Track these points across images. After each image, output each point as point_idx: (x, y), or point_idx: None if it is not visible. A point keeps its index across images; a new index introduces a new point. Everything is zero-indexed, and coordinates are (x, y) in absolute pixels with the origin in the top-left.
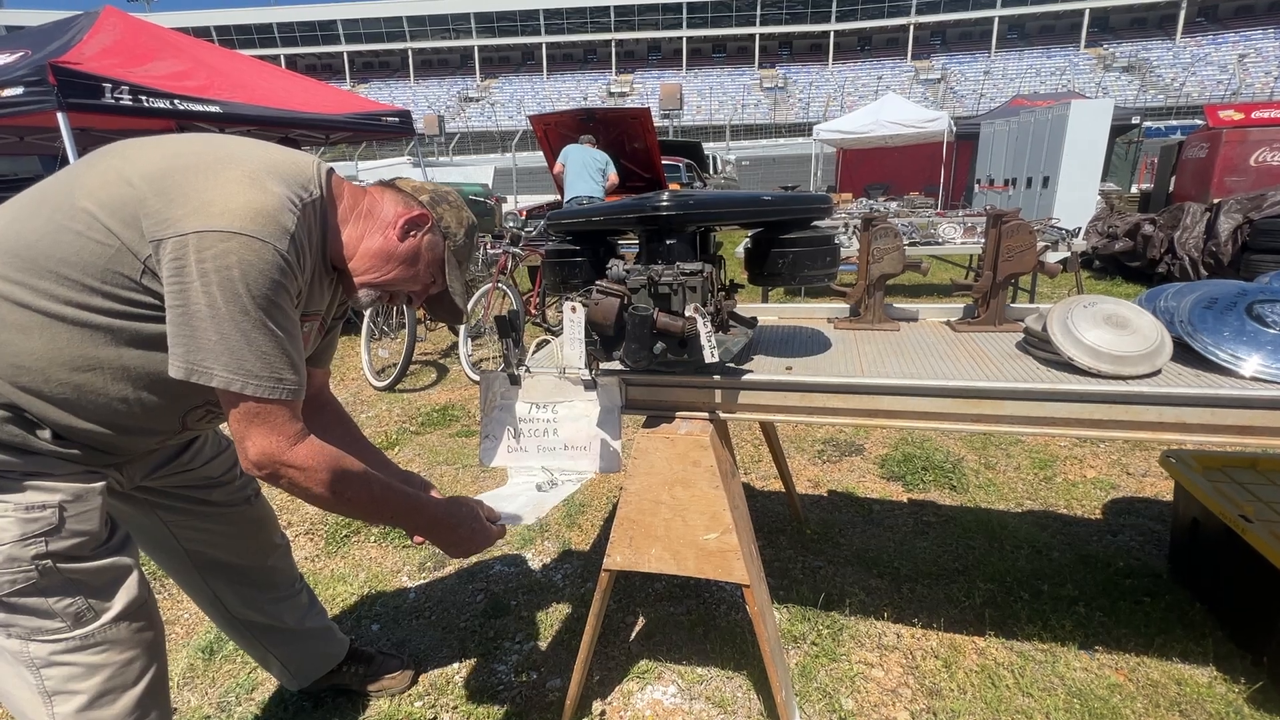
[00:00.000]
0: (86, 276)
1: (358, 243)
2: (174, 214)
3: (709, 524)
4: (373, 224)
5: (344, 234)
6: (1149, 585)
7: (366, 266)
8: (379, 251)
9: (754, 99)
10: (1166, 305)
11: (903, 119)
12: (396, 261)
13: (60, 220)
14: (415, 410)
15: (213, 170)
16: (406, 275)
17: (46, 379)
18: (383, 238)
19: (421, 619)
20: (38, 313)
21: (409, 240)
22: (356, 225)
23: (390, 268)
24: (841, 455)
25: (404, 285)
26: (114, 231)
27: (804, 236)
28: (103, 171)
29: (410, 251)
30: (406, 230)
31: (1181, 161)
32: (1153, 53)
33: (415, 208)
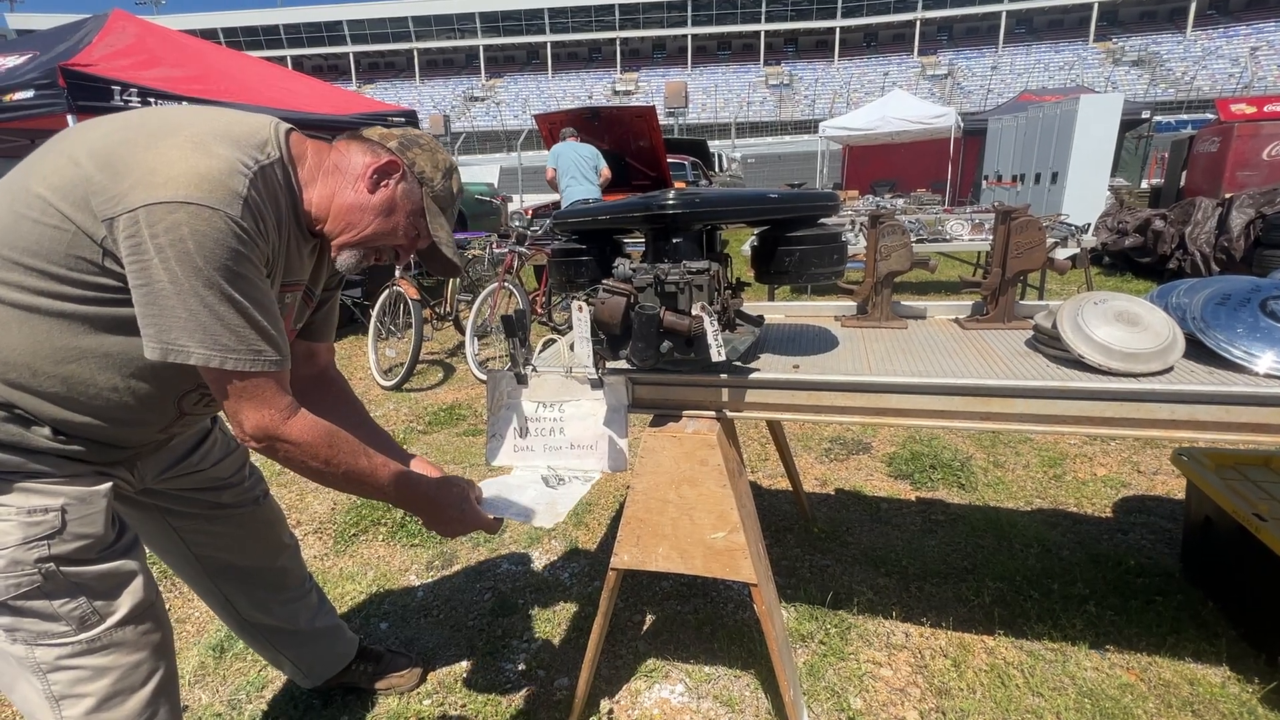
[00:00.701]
0: (50, 264)
1: (328, 201)
2: (119, 189)
3: (716, 523)
4: (341, 179)
5: (313, 194)
6: (1160, 584)
7: (341, 226)
8: (351, 207)
9: (759, 96)
10: (1179, 302)
11: (909, 115)
12: (371, 216)
13: (18, 209)
14: (422, 409)
15: (155, 139)
16: (384, 230)
17: (34, 373)
18: (353, 192)
19: (429, 617)
20: (11, 306)
21: (381, 191)
22: (326, 183)
23: (365, 224)
24: (849, 453)
25: (384, 241)
26: (67, 215)
27: (811, 234)
28: (55, 154)
29: (384, 203)
30: (377, 180)
31: (1193, 156)
32: (1163, 46)
33: (384, 155)
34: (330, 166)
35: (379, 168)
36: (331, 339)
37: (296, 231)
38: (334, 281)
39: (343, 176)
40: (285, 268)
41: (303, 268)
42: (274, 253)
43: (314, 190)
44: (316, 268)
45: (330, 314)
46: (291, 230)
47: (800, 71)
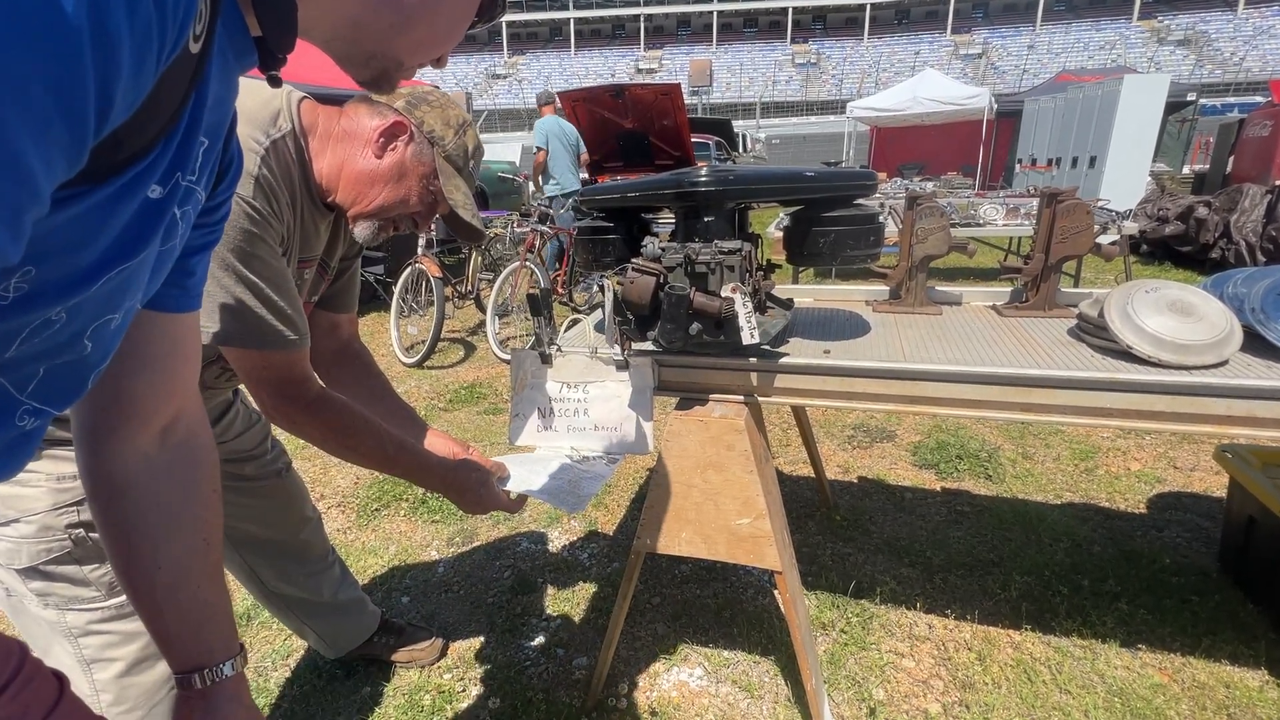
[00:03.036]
0: None
1: (338, 171)
2: None
3: (741, 509)
4: (350, 145)
5: (324, 163)
6: (1197, 584)
7: (353, 195)
8: (360, 174)
9: (785, 75)
10: (1235, 291)
11: (941, 96)
12: (381, 183)
13: None
14: (444, 387)
15: None
16: (397, 196)
17: None
18: (362, 159)
19: (450, 593)
20: None
21: (390, 155)
22: (335, 151)
23: (376, 191)
24: (873, 441)
25: (398, 209)
26: None
27: (847, 215)
28: None
29: (394, 168)
30: (384, 144)
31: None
32: (1211, 25)
33: (390, 116)
34: (340, 133)
35: (385, 130)
36: (354, 310)
37: (310, 205)
38: (352, 252)
39: (351, 142)
40: (301, 243)
41: (319, 241)
42: (288, 230)
43: (324, 160)
44: (332, 240)
45: (351, 284)
46: (305, 204)
47: (828, 50)
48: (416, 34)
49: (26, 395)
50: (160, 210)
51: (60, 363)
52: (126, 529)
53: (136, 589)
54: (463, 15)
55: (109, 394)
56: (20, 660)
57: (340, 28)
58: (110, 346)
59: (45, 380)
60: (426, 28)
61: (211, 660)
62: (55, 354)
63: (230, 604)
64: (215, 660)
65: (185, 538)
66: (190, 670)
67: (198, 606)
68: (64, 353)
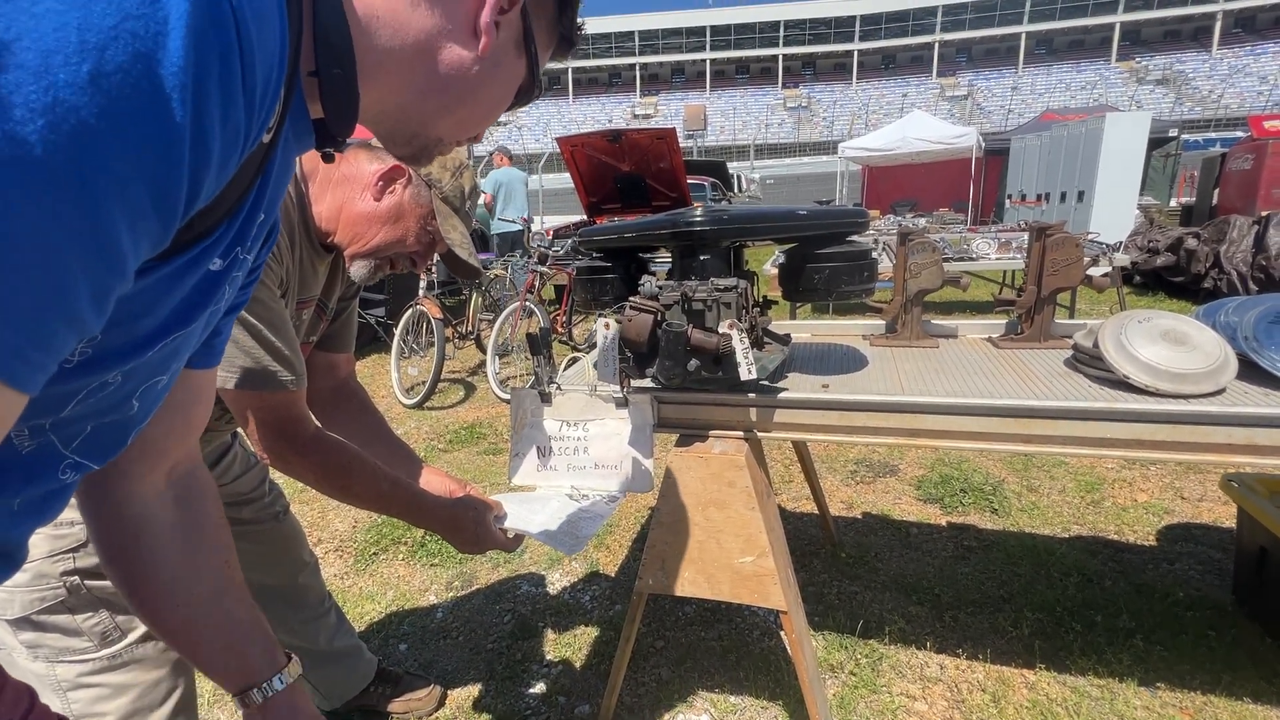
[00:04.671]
0: None
1: (337, 213)
2: None
3: (744, 547)
4: (349, 189)
5: (323, 207)
6: (1213, 618)
7: (351, 236)
8: (359, 216)
9: (778, 118)
10: (1228, 320)
11: (930, 136)
12: (380, 223)
13: None
14: (443, 428)
15: None
16: (394, 237)
17: None
18: (361, 201)
19: (449, 639)
20: None
21: (388, 197)
22: (335, 194)
23: (374, 232)
24: (875, 476)
25: (396, 249)
26: None
27: (840, 251)
28: None
29: (392, 209)
30: (383, 187)
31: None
32: (1188, 64)
33: (389, 160)
34: (339, 177)
35: (384, 174)
36: (351, 350)
37: (309, 247)
38: (350, 292)
39: (351, 186)
40: (300, 284)
41: (317, 282)
42: (287, 272)
43: (323, 204)
44: (330, 280)
45: (348, 324)
46: (304, 246)
47: (818, 94)
48: (459, 116)
49: (71, 450)
50: (219, 281)
51: (107, 421)
52: (151, 566)
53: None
54: (502, 99)
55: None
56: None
57: (390, 110)
58: (153, 406)
59: (91, 436)
60: (469, 110)
61: (260, 678)
62: (105, 413)
63: (265, 620)
64: (264, 677)
65: (208, 563)
66: (243, 690)
67: (233, 627)
68: (113, 412)
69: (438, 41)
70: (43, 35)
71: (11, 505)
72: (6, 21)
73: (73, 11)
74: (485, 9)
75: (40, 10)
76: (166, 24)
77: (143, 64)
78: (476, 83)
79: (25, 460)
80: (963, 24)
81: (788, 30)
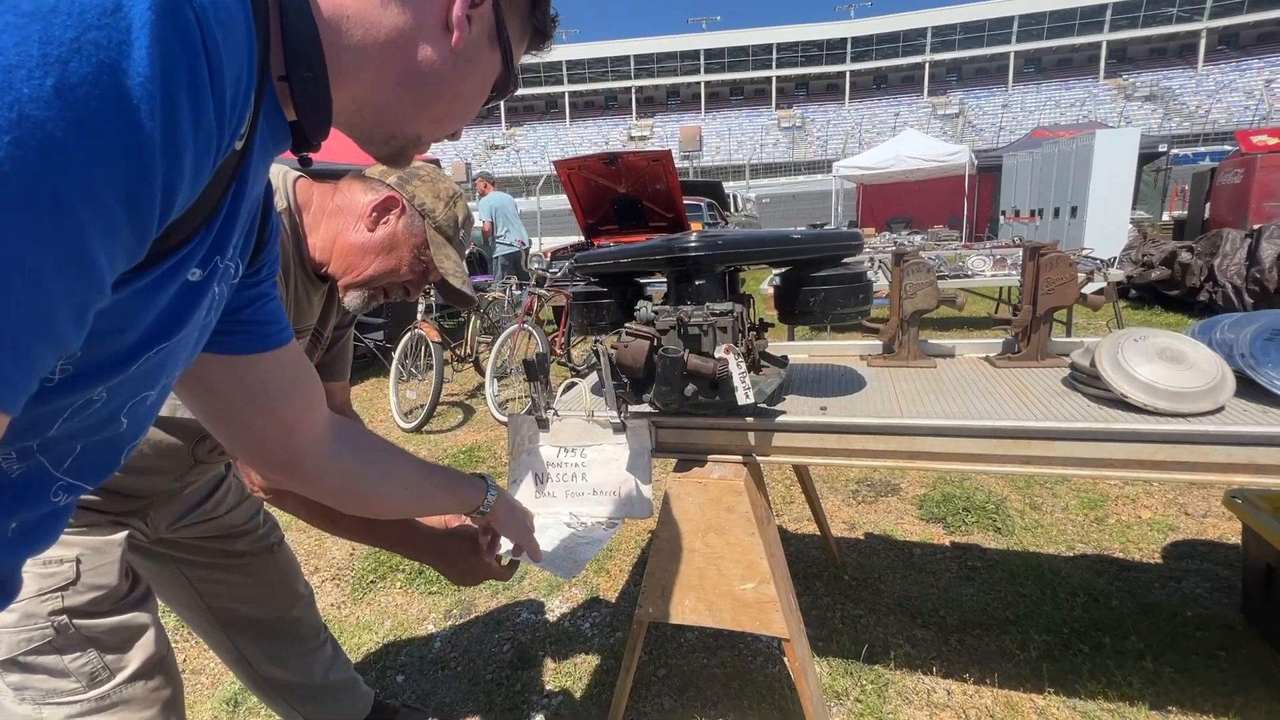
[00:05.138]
0: None
1: (331, 244)
2: None
3: (745, 573)
4: (343, 220)
5: (317, 238)
6: (1222, 638)
7: (345, 266)
8: (353, 247)
9: (772, 138)
10: (1223, 337)
11: (923, 154)
12: (373, 254)
13: None
14: (442, 452)
15: None
16: (388, 267)
17: None
18: (355, 232)
19: (447, 669)
20: None
21: (382, 228)
22: (329, 225)
23: (368, 262)
24: (877, 495)
25: (390, 278)
26: None
27: (835, 274)
28: None
29: (386, 239)
30: (377, 218)
31: (1216, 188)
32: (1175, 81)
33: (383, 191)
34: (333, 209)
35: (378, 204)
36: (346, 378)
37: (304, 278)
38: (345, 321)
39: (344, 217)
40: (295, 315)
41: (312, 312)
42: (282, 304)
43: (318, 235)
44: (325, 310)
45: (344, 353)
46: (299, 277)
47: (811, 114)
48: (435, 112)
49: (62, 471)
50: (200, 292)
51: (96, 439)
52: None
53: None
54: (478, 93)
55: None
56: None
57: (365, 111)
58: (145, 422)
59: (81, 456)
60: (445, 106)
61: (477, 502)
62: (93, 431)
63: (448, 468)
64: (480, 501)
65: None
66: (473, 512)
67: (440, 488)
68: (101, 430)
69: (410, 38)
70: (3, 50)
71: (5, 531)
72: None
73: (33, 25)
74: (457, 3)
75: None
76: (130, 33)
77: (108, 75)
78: (452, 78)
79: (15, 484)
80: (952, 44)
81: (780, 53)
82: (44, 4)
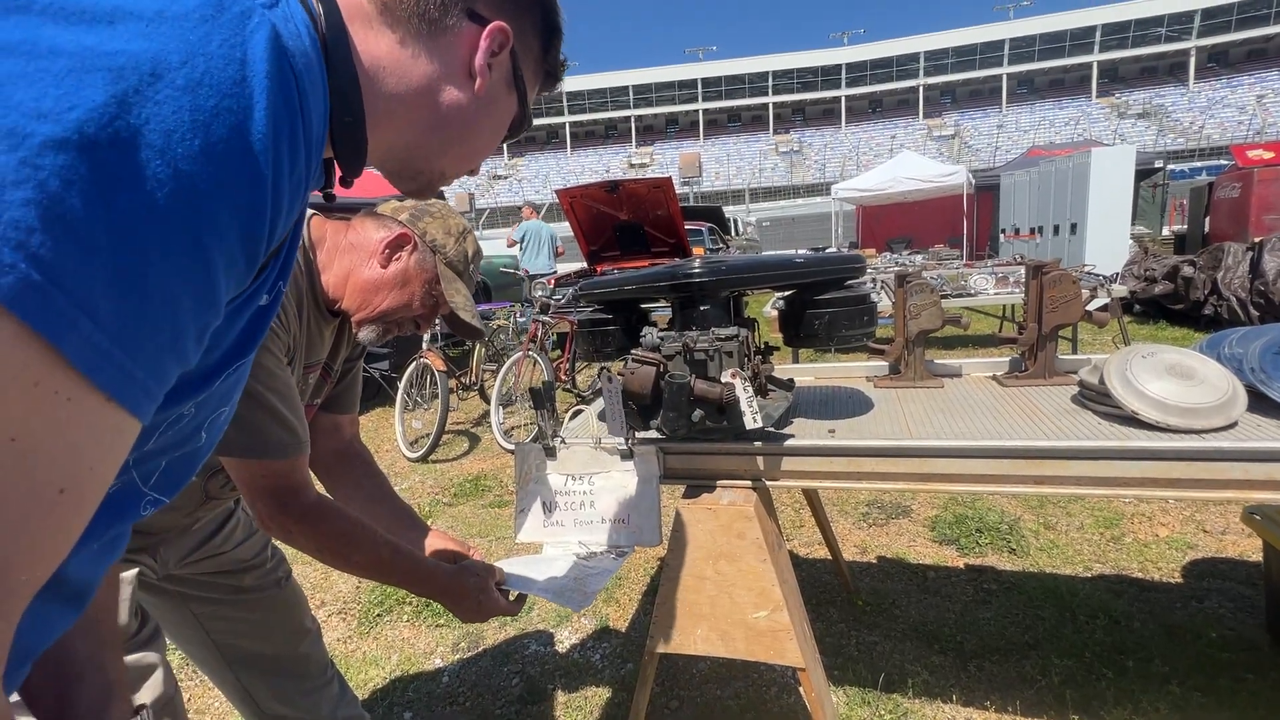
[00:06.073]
0: None
1: (344, 280)
2: None
3: (757, 600)
4: (356, 256)
5: (331, 274)
6: (1249, 659)
7: (359, 302)
8: (367, 284)
9: (771, 163)
10: (1232, 352)
11: (920, 175)
12: (386, 290)
13: None
14: (448, 481)
15: None
16: (400, 302)
17: None
18: (367, 269)
19: (455, 705)
20: None
21: (394, 264)
22: (343, 262)
23: (381, 298)
24: (888, 518)
25: (402, 313)
26: None
27: (839, 297)
28: None
29: (398, 276)
30: (389, 255)
31: (1214, 202)
32: (1167, 99)
33: (395, 228)
34: (346, 245)
35: (391, 241)
36: (355, 410)
37: (316, 313)
38: (355, 354)
39: (357, 253)
40: (307, 349)
41: (323, 347)
42: (294, 339)
43: (331, 271)
44: (336, 344)
45: (353, 385)
46: (312, 312)
47: (809, 138)
48: (459, 151)
49: (150, 486)
50: (267, 315)
51: (179, 454)
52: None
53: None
54: (497, 133)
55: None
56: None
57: (396, 150)
58: (216, 437)
59: (166, 471)
60: (469, 146)
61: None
62: (179, 446)
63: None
64: None
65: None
66: None
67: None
68: (185, 444)
69: (438, 85)
70: (165, 118)
71: (94, 548)
72: (138, 110)
73: (185, 97)
74: (479, 53)
75: (161, 98)
76: (253, 99)
77: (237, 135)
78: (474, 120)
79: (110, 500)
80: (945, 68)
81: (776, 80)
82: (192, 79)
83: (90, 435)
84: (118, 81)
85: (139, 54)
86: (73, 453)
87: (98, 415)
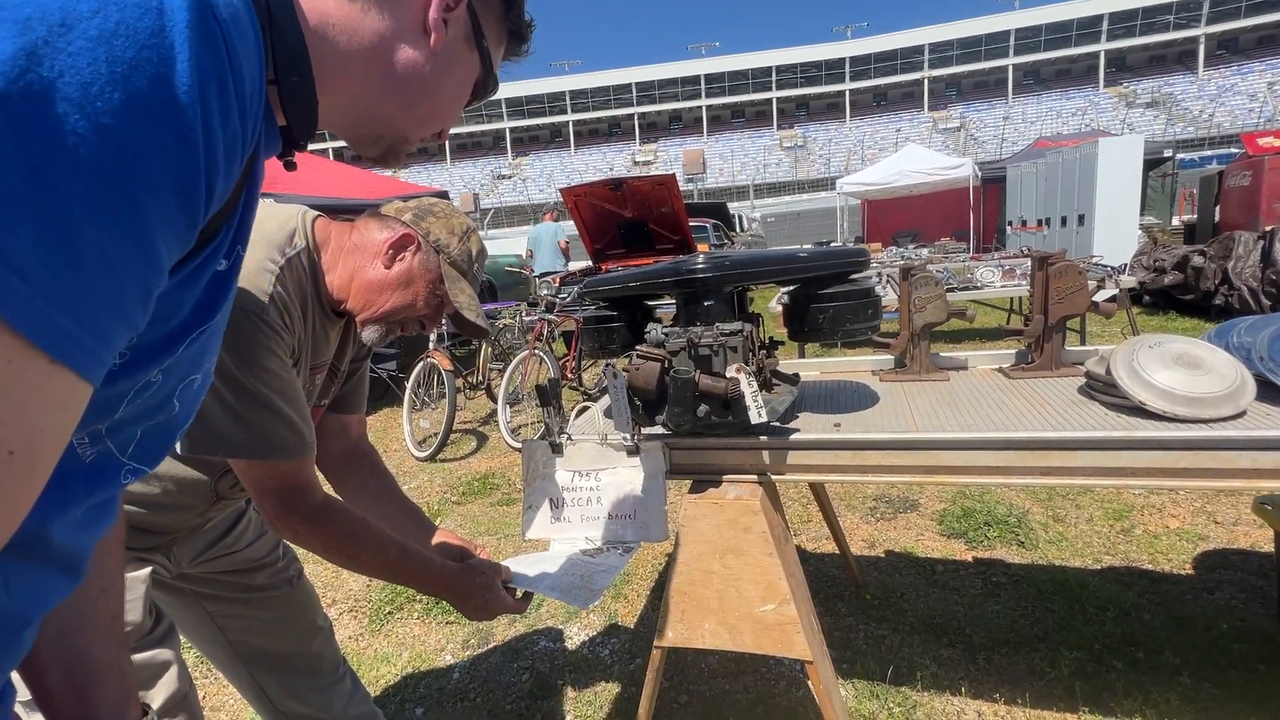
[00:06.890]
0: None
1: (349, 281)
2: None
3: (765, 594)
4: (360, 257)
5: (335, 276)
6: (1261, 650)
7: (363, 302)
8: (371, 284)
9: (775, 158)
10: (1240, 341)
11: (926, 168)
12: (390, 290)
13: None
14: (457, 480)
15: None
16: (404, 302)
17: None
18: (372, 269)
19: (466, 701)
20: None
21: (398, 265)
22: (346, 263)
23: (385, 298)
24: (896, 512)
25: (405, 313)
26: None
27: (843, 290)
28: None
29: (402, 276)
30: (393, 255)
31: (1225, 190)
32: (1176, 87)
33: (399, 229)
34: (350, 246)
35: (394, 242)
36: (362, 411)
37: (321, 314)
38: (361, 354)
39: (361, 254)
40: (313, 350)
41: (329, 348)
42: (299, 342)
43: (336, 273)
44: (342, 344)
45: (359, 385)
46: (317, 314)
47: (813, 133)
48: (419, 113)
49: (128, 456)
50: (228, 280)
51: (154, 424)
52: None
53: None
54: (459, 94)
55: None
56: None
57: (353, 114)
58: (193, 407)
59: (142, 441)
60: (429, 107)
61: None
62: (151, 415)
63: None
64: None
65: None
66: None
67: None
68: (158, 413)
69: (391, 42)
70: (79, 70)
71: (77, 514)
72: (50, 61)
73: (100, 48)
74: (432, 6)
75: (74, 49)
76: (173, 49)
77: (161, 87)
78: (432, 79)
79: (89, 469)
80: (950, 60)
81: (780, 74)
82: (106, 29)
83: (36, 396)
84: (25, 33)
85: (46, 4)
86: (20, 414)
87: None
